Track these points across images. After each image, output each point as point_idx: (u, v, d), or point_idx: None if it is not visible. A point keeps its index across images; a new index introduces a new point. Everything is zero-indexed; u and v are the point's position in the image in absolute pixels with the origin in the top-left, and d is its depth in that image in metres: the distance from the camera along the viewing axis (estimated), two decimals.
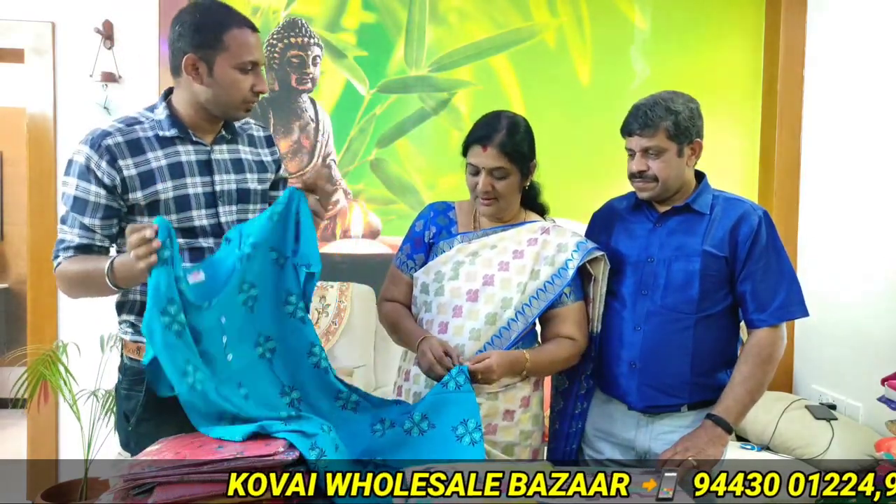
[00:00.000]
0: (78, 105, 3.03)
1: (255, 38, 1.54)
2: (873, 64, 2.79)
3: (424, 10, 3.21)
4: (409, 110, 3.23)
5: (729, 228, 1.67)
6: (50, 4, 3.02)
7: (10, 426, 4.10)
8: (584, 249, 1.70)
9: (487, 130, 1.67)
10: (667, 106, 1.65)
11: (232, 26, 1.50)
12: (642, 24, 3.29)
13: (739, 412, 1.65)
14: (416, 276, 1.75)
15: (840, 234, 2.94)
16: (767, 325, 1.66)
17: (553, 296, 1.69)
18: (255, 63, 1.53)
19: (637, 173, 1.69)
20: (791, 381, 3.19)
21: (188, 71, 1.52)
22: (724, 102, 3.30)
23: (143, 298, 1.56)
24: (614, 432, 1.76)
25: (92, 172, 1.51)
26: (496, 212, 1.72)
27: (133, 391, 1.61)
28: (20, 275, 4.78)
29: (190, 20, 1.51)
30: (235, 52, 1.50)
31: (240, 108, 1.56)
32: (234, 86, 1.52)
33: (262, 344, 1.51)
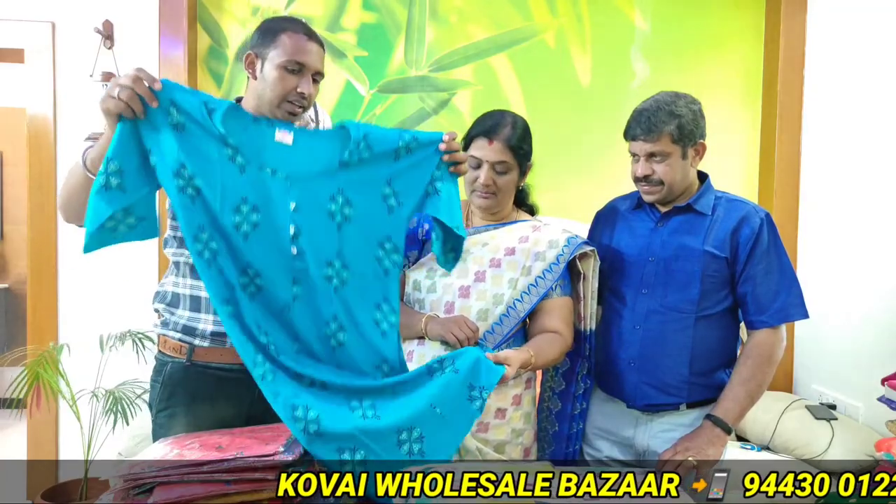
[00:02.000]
0: (78, 105, 3.03)
1: (312, 46, 1.59)
2: (873, 64, 2.79)
3: (424, 10, 3.21)
4: (409, 110, 3.23)
5: (730, 230, 1.67)
6: (50, 4, 3.02)
7: (10, 426, 4.10)
8: (574, 244, 1.71)
9: (493, 124, 1.68)
10: (670, 110, 1.64)
11: (289, 29, 1.58)
12: (642, 24, 3.29)
13: (739, 413, 1.65)
14: (408, 273, 1.75)
15: (840, 235, 2.94)
16: (767, 327, 1.67)
17: (544, 290, 1.69)
18: (301, 65, 1.56)
19: (642, 177, 1.69)
20: (791, 381, 3.19)
21: (247, 67, 1.60)
22: (724, 102, 3.30)
23: (174, 290, 1.62)
24: (613, 430, 1.77)
25: None
26: (492, 207, 1.72)
27: (155, 382, 1.66)
28: (20, 275, 4.78)
29: (261, 26, 1.62)
30: (283, 51, 1.55)
31: (282, 107, 1.57)
32: (277, 82, 1.55)
33: (333, 265, 1.43)
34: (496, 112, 1.74)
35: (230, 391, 1.61)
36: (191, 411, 1.60)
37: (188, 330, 1.60)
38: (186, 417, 1.59)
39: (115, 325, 2.84)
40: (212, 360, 1.61)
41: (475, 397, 1.42)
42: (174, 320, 1.62)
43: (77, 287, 3.05)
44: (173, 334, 1.62)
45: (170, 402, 1.62)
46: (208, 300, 1.58)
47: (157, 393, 1.64)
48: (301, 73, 1.57)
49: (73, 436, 2.90)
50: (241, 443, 1.31)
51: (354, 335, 1.45)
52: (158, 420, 1.64)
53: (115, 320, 2.86)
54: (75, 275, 3.04)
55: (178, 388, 1.61)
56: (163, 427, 1.60)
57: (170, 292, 1.65)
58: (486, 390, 1.42)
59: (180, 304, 1.62)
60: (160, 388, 1.63)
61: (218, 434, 1.42)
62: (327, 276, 1.43)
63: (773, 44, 3.24)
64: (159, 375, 1.64)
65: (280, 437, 1.35)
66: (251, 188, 1.39)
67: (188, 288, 1.61)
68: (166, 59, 3.05)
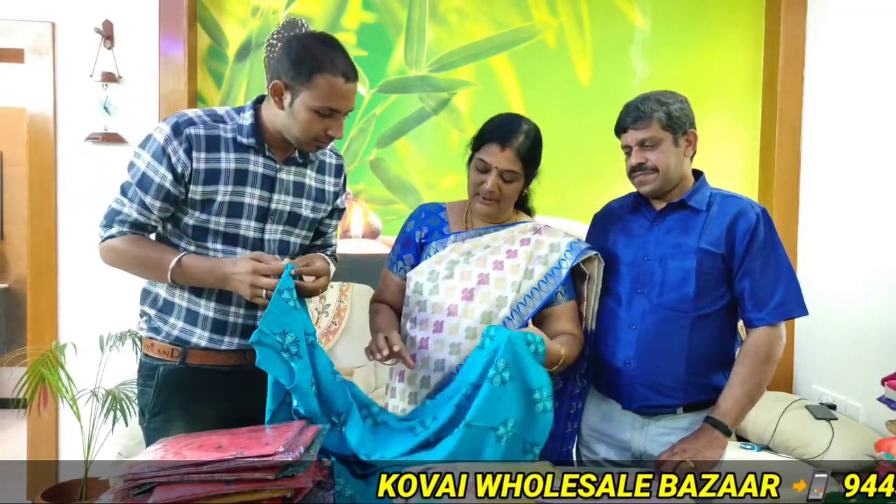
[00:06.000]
0: (78, 105, 3.03)
1: (349, 88, 1.52)
2: (873, 64, 2.79)
3: (424, 10, 3.21)
4: (409, 110, 3.24)
5: (726, 225, 1.67)
6: (50, 4, 3.02)
7: (10, 426, 4.10)
8: (578, 250, 1.71)
9: (508, 131, 1.66)
10: (657, 99, 1.68)
11: (326, 71, 1.48)
12: (642, 24, 3.29)
13: (738, 414, 1.64)
14: (408, 276, 1.74)
15: (840, 234, 2.94)
16: (766, 324, 1.65)
17: (547, 295, 1.69)
18: (334, 111, 1.52)
19: (636, 166, 1.69)
20: (791, 381, 3.19)
21: (273, 94, 1.53)
22: (724, 102, 3.30)
23: (167, 296, 1.61)
24: (610, 433, 1.76)
25: (167, 156, 1.51)
26: (494, 213, 1.72)
27: (146, 387, 1.62)
28: (20, 275, 4.78)
29: (295, 49, 1.50)
30: (319, 95, 1.49)
31: (310, 144, 1.56)
32: (307, 124, 1.51)
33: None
34: (512, 117, 1.71)
35: (226, 392, 1.60)
36: (187, 414, 1.58)
37: (180, 341, 1.59)
38: (183, 420, 1.57)
39: (115, 325, 2.84)
40: (205, 363, 1.59)
41: (538, 399, 1.48)
42: (166, 329, 1.59)
43: (77, 287, 3.05)
44: (163, 339, 1.60)
45: (165, 405, 1.59)
46: (205, 317, 1.58)
47: (151, 398, 1.60)
48: (333, 115, 1.52)
49: (73, 436, 2.90)
50: (241, 443, 1.31)
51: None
52: (153, 425, 1.60)
53: (115, 320, 2.86)
54: (75, 275, 3.04)
55: (174, 391, 1.59)
56: (158, 431, 1.56)
57: (161, 297, 1.61)
58: (545, 388, 1.49)
59: (173, 313, 1.59)
60: (154, 392, 1.60)
61: (218, 434, 1.42)
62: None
63: (773, 44, 3.24)
64: (150, 380, 1.60)
65: (280, 437, 1.35)
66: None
67: (185, 300, 1.58)
68: (166, 59, 3.05)
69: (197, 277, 1.52)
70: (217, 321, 1.59)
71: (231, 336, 1.60)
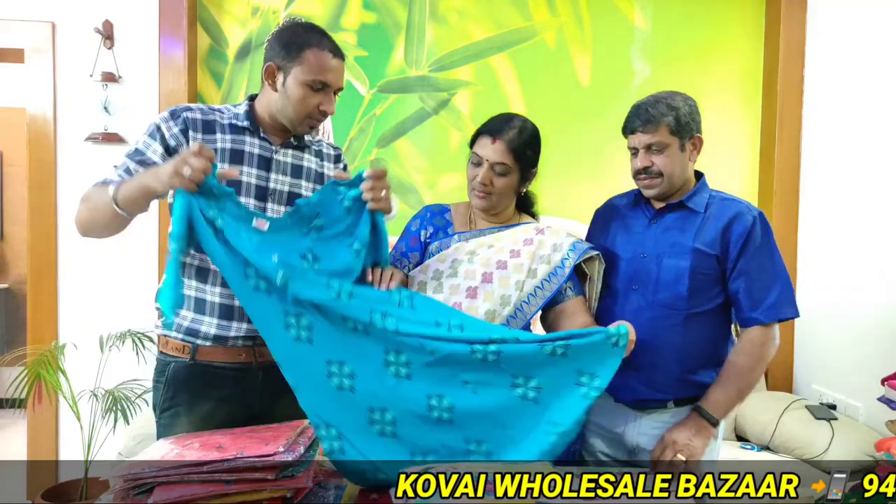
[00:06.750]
0: (78, 105, 3.03)
1: (336, 63, 1.60)
2: (873, 64, 2.79)
3: (424, 10, 3.21)
4: (409, 110, 3.24)
5: (721, 227, 1.69)
6: (50, 4, 3.02)
7: (10, 426, 4.11)
8: (580, 249, 1.72)
9: (500, 125, 1.70)
10: (667, 103, 1.69)
11: (315, 46, 1.57)
12: (642, 24, 3.29)
13: (726, 406, 1.67)
14: (412, 275, 1.75)
15: (840, 234, 2.94)
16: (759, 324, 1.67)
17: (549, 294, 1.70)
18: (325, 84, 1.58)
19: (642, 169, 1.70)
20: (791, 381, 3.19)
21: (267, 77, 1.60)
22: (724, 102, 3.30)
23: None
24: (605, 426, 1.78)
25: (160, 132, 1.57)
26: (488, 207, 1.73)
27: (158, 383, 1.66)
28: (20, 275, 4.78)
29: (284, 35, 1.60)
30: (309, 69, 1.56)
31: (304, 122, 1.62)
32: (301, 101, 1.58)
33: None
34: (508, 115, 1.74)
35: (233, 389, 1.62)
36: (194, 410, 1.60)
37: (191, 332, 1.61)
38: (190, 416, 1.59)
39: (115, 325, 2.84)
40: (215, 360, 1.61)
41: (584, 383, 1.48)
42: (177, 321, 1.62)
43: (77, 287, 3.05)
44: (176, 334, 1.62)
45: (173, 401, 1.62)
46: (212, 303, 1.60)
47: (161, 393, 1.64)
48: (324, 90, 1.59)
49: (73, 436, 2.90)
50: (242, 443, 1.31)
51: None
52: (162, 420, 1.64)
53: (115, 320, 2.87)
54: (75, 275, 3.04)
55: (182, 386, 1.61)
56: (167, 427, 1.60)
57: None
58: (598, 378, 1.49)
59: (183, 305, 1.62)
60: (163, 388, 1.63)
61: (219, 434, 1.42)
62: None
63: (773, 44, 3.24)
64: (162, 376, 1.64)
65: (280, 437, 1.35)
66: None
67: (192, 290, 1.61)
68: (166, 59, 3.05)
69: (137, 182, 1.46)
70: (224, 306, 1.61)
71: (239, 321, 1.61)
